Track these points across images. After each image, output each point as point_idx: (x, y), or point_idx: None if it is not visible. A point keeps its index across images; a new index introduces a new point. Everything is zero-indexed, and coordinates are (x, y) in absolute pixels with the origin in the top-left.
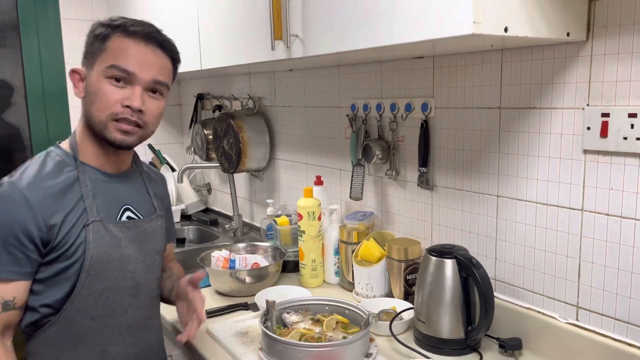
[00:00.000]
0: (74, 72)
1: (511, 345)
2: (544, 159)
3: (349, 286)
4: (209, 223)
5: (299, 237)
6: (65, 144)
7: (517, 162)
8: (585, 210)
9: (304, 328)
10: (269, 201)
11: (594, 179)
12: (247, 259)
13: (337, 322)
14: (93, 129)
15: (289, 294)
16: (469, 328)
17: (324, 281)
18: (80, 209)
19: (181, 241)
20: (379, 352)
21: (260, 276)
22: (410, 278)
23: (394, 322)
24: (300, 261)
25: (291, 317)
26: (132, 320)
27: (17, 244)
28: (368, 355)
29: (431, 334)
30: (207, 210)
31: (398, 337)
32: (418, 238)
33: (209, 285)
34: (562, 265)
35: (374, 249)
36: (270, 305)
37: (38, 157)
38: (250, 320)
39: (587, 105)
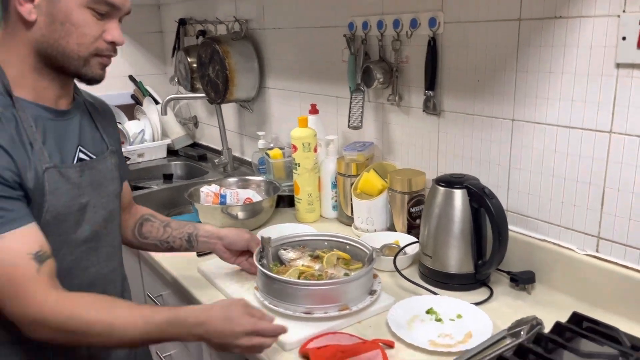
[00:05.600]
0: None
1: (523, 279)
2: (568, 76)
3: (348, 220)
4: (197, 158)
5: (294, 170)
6: None
7: (537, 81)
8: (614, 133)
9: (302, 265)
10: (260, 133)
11: (626, 97)
12: (239, 194)
13: (337, 258)
14: (58, 63)
15: (289, 231)
16: (480, 262)
17: (320, 216)
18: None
19: (168, 177)
20: (382, 289)
21: (253, 212)
22: (414, 211)
23: (399, 257)
24: (295, 195)
25: (288, 254)
26: (94, 278)
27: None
28: (372, 292)
29: (438, 268)
30: (195, 145)
31: (403, 271)
32: (422, 169)
33: (199, 222)
34: (584, 193)
35: (375, 181)
36: (265, 241)
37: None
38: None
39: (623, 11)
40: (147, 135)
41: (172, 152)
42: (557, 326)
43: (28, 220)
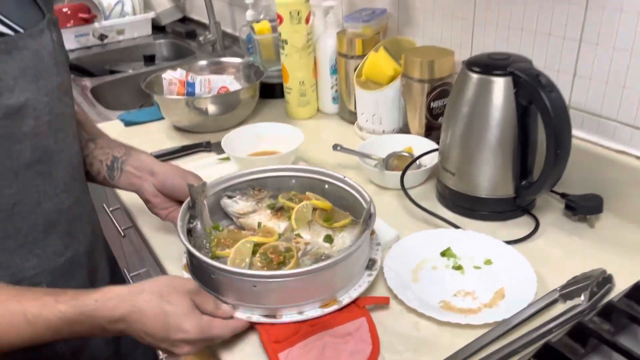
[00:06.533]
0: None
1: (585, 207)
2: None
3: (351, 117)
4: (184, 35)
5: (281, 50)
6: None
7: None
8: None
9: (259, 227)
10: (247, 1)
11: None
12: (212, 82)
13: (314, 210)
14: None
15: (267, 133)
16: (524, 183)
17: (317, 110)
18: None
19: (150, 59)
20: (384, 217)
21: (229, 105)
22: (435, 106)
23: (409, 172)
24: (284, 84)
25: (236, 205)
26: (52, 216)
27: None
28: (371, 263)
29: (463, 190)
30: (185, 20)
31: (415, 191)
32: (452, 46)
33: (162, 118)
34: None
35: (385, 65)
36: (195, 192)
37: None
38: (213, 167)
39: None
40: (127, 7)
41: (158, 28)
42: (636, 290)
43: None
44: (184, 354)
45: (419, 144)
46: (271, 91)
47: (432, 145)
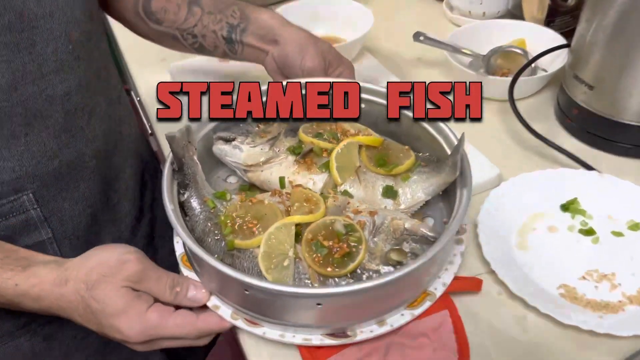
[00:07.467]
0: None
1: None
2: None
3: None
4: None
5: None
6: None
7: None
8: None
9: (282, 185)
10: None
11: None
12: None
13: (360, 147)
14: None
15: (326, 13)
16: None
17: None
18: None
19: None
20: (479, 147)
21: None
22: None
23: (520, 80)
24: None
25: (239, 153)
26: (37, 103)
27: None
28: (458, 236)
29: (602, 111)
30: None
31: (524, 104)
32: None
33: None
34: None
35: None
36: (179, 145)
37: None
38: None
39: None
40: None
41: None
42: None
43: None
44: (146, 350)
45: (536, 36)
46: None
47: (556, 39)
